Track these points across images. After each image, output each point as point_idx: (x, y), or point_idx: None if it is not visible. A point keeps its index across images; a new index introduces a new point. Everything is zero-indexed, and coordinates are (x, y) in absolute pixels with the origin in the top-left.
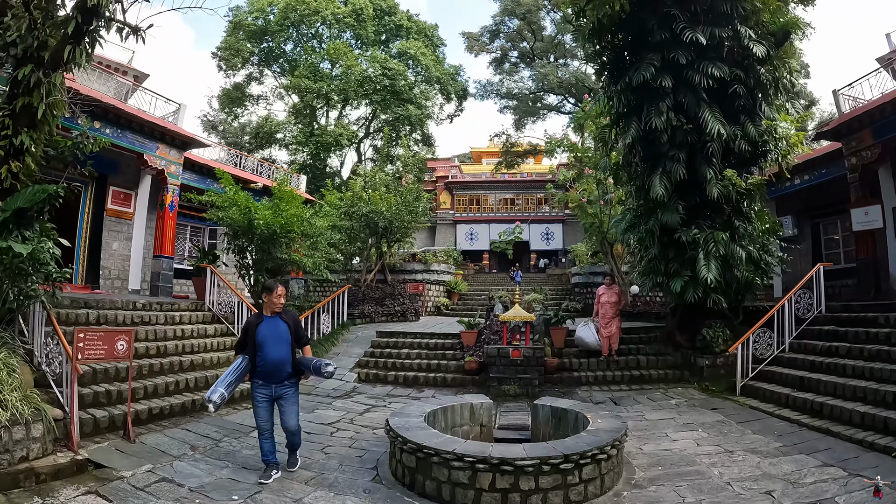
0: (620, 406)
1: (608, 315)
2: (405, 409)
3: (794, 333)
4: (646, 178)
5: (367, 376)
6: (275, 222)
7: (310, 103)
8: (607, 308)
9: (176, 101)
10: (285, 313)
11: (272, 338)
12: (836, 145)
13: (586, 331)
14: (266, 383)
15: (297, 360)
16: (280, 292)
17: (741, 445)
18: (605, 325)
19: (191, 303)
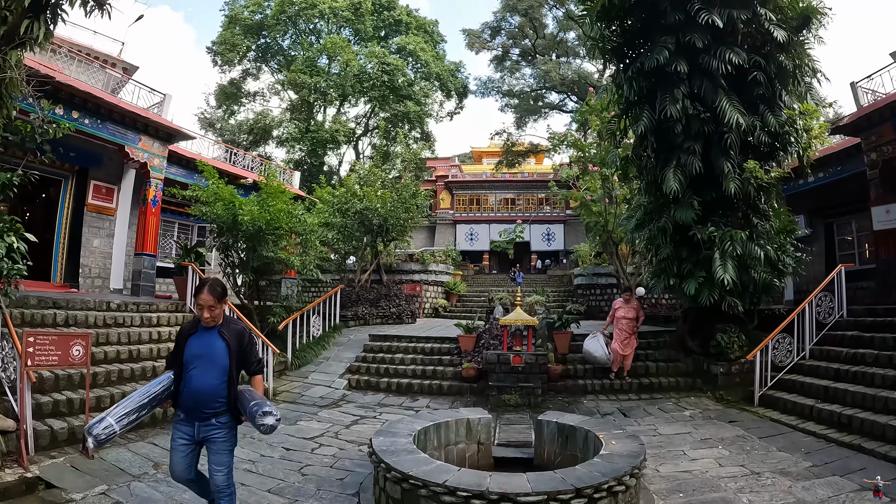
0: (630, 418)
1: (625, 332)
2: (392, 427)
3: (814, 339)
4: (658, 171)
5: (357, 383)
6: (260, 218)
7: (306, 98)
8: (624, 324)
9: (161, 92)
10: (227, 327)
11: (201, 359)
12: (852, 141)
13: (595, 343)
14: (188, 420)
15: (236, 393)
16: (205, 300)
17: (768, 465)
18: (620, 343)
19: (171, 303)
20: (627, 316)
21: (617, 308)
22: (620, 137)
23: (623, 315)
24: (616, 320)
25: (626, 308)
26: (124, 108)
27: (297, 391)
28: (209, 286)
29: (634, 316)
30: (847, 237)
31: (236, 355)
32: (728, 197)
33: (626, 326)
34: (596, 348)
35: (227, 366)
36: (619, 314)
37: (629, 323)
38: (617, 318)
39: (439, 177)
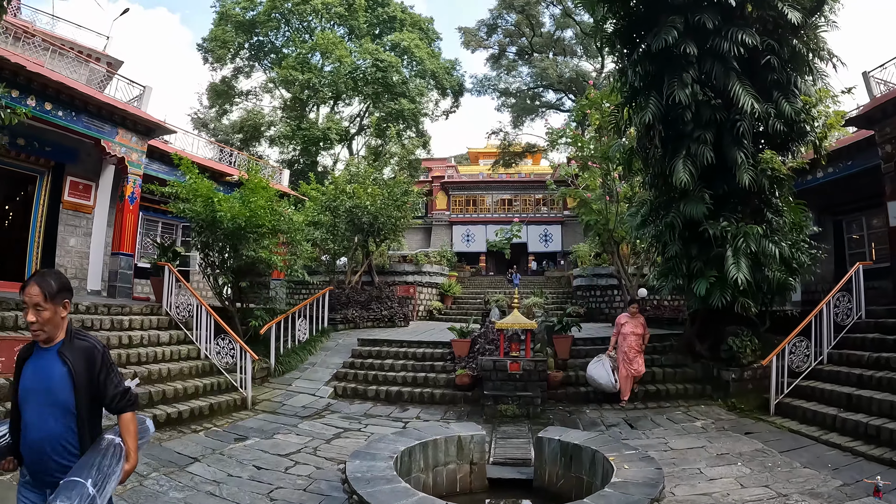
0: (638, 430)
1: (632, 350)
2: (372, 447)
3: (832, 342)
4: (666, 163)
5: (344, 391)
6: (240, 215)
7: (298, 96)
8: (631, 341)
9: (140, 84)
10: (71, 346)
11: (35, 394)
12: (863, 134)
13: (599, 368)
14: (34, 485)
15: None
16: (31, 297)
17: (795, 486)
18: (626, 363)
19: (146, 306)
20: (635, 332)
21: (622, 324)
22: (624, 128)
23: (631, 331)
24: (622, 338)
25: (633, 323)
26: (100, 100)
27: (278, 399)
28: (38, 276)
29: (643, 332)
30: (857, 235)
31: (85, 387)
32: (741, 190)
33: (633, 343)
34: (601, 374)
35: (71, 403)
36: (625, 330)
37: (637, 340)
38: (623, 335)
39: (435, 177)
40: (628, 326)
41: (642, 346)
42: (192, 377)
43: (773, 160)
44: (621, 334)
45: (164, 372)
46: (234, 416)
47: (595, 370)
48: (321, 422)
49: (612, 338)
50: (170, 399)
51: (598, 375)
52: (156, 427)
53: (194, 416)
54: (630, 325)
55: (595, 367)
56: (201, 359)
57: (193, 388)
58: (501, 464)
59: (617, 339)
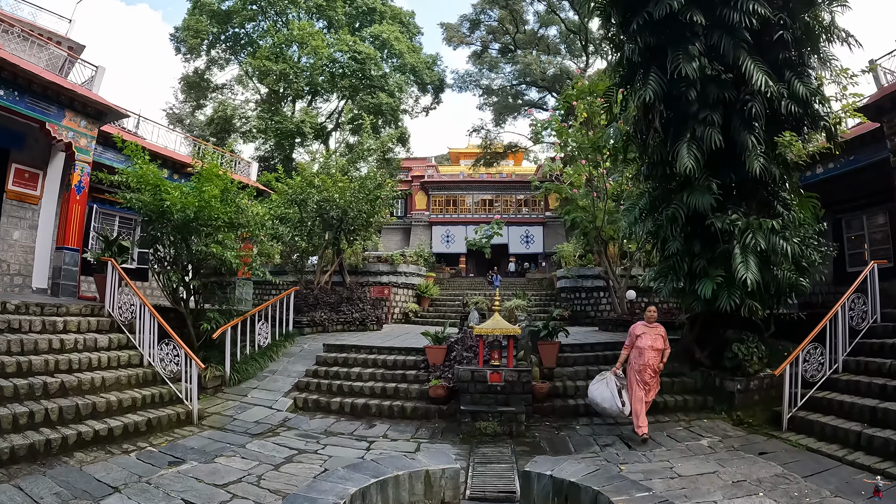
0: (636, 450)
1: (649, 369)
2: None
3: (847, 349)
4: (667, 149)
5: (305, 403)
6: (188, 204)
7: (272, 87)
8: (649, 357)
9: (92, 64)
10: None
11: None
12: (867, 127)
13: (602, 389)
14: None
15: None
16: None
17: None
18: (641, 384)
19: (86, 306)
20: (654, 346)
21: (638, 335)
22: (619, 111)
23: (649, 344)
24: (637, 353)
25: (651, 335)
26: (45, 79)
27: (229, 413)
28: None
29: (663, 346)
30: (857, 233)
31: None
32: (749, 180)
33: (651, 360)
34: (604, 396)
35: None
36: (641, 343)
37: (656, 356)
38: (639, 349)
39: (415, 177)
40: (645, 339)
41: (662, 365)
42: (131, 387)
43: (793, 142)
44: (636, 348)
45: (97, 381)
46: (176, 432)
47: (598, 391)
48: (274, 441)
49: (623, 352)
50: (101, 413)
51: (602, 397)
52: (80, 447)
53: (128, 432)
54: (648, 338)
55: (598, 387)
56: (144, 366)
57: (130, 399)
58: (480, 500)
59: (629, 354)
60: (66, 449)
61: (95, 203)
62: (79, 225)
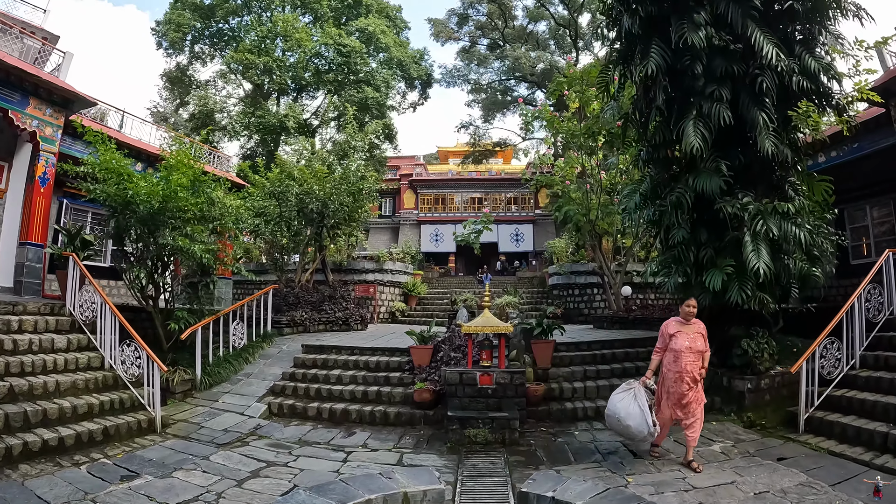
0: (643, 458)
1: (687, 376)
2: None
3: (864, 343)
4: (670, 128)
5: (280, 409)
6: (154, 193)
7: (255, 81)
8: (687, 361)
9: (60, 50)
10: None
11: None
12: (872, 113)
13: (630, 403)
14: None
15: None
16: None
17: None
18: (675, 403)
19: (45, 304)
20: (694, 347)
21: (672, 334)
22: (617, 90)
23: (686, 345)
24: (673, 357)
25: (688, 333)
26: (7, 64)
27: (197, 420)
28: None
29: (704, 347)
30: (860, 224)
31: None
32: (759, 162)
33: (689, 365)
34: (632, 413)
35: None
36: (677, 344)
37: (695, 361)
38: (675, 352)
39: (403, 175)
40: (681, 338)
41: (703, 372)
42: (89, 392)
43: (810, 113)
44: (669, 351)
45: (50, 386)
46: (136, 442)
47: (623, 405)
48: (241, 451)
49: (654, 357)
50: (52, 420)
51: (628, 414)
52: (27, 458)
53: (81, 442)
54: (684, 337)
55: (622, 399)
56: (105, 369)
57: (86, 406)
58: None
59: (662, 358)
60: (11, 461)
61: (66, 198)
62: (43, 219)
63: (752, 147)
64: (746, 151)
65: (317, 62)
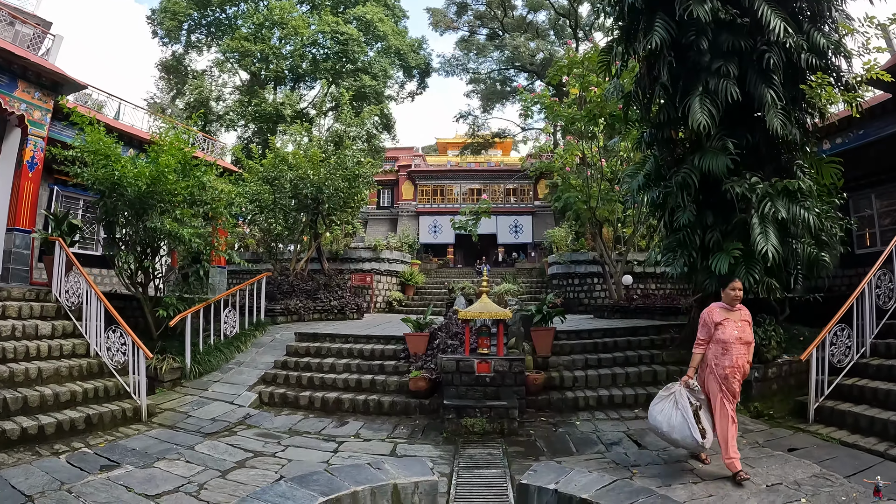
0: (648, 449)
1: (739, 372)
2: None
3: (874, 331)
4: (674, 106)
5: (271, 398)
6: (141, 174)
7: (251, 69)
8: (737, 354)
9: (51, 33)
10: None
11: None
12: (879, 98)
13: (670, 411)
14: None
15: None
16: None
17: None
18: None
19: (31, 290)
20: (744, 337)
21: (719, 322)
22: (619, 68)
23: (736, 336)
24: (720, 348)
25: (735, 321)
26: None
27: (185, 409)
28: None
29: (752, 337)
30: (866, 213)
31: None
32: (768, 142)
33: (741, 360)
34: (675, 422)
35: None
36: (724, 334)
37: (746, 353)
38: (722, 343)
39: (402, 166)
40: (729, 328)
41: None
42: (73, 379)
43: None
44: (716, 343)
45: (32, 373)
46: (120, 431)
47: (663, 414)
48: (228, 441)
49: (696, 351)
50: (33, 408)
51: (670, 424)
52: (4, 447)
53: (63, 431)
54: (732, 326)
55: (662, 408)
56: (90, 356)
57: (69, 393)
58: None
59: (705, 350)
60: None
61: (57, 185)
62: (31, 204)
63: (760, 127)
64: (754, 132)
65: (314, 51)
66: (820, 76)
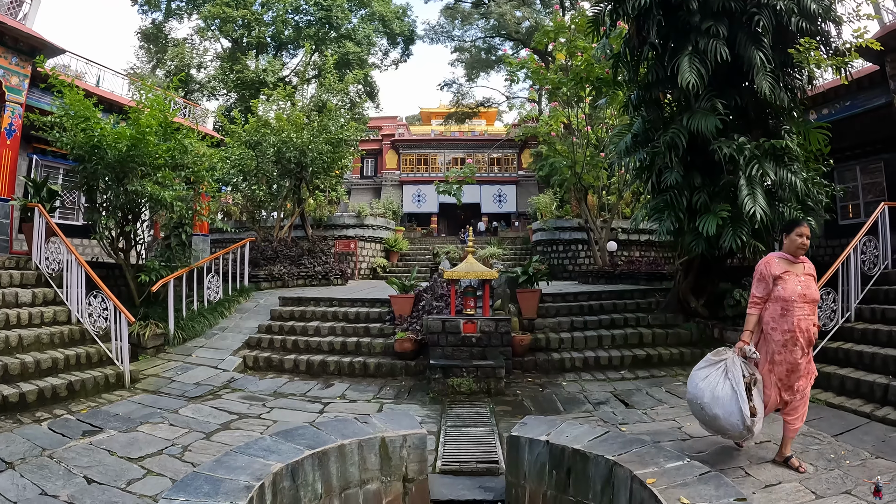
0: (635, 408)
1: (803, 336)
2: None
3: (860, 296)
4: (663, 66)
5: (255, 362)
6: (122, 136)
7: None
8: (800, 316)
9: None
10: None
11: None
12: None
13: (720, 384)
14: None
15: None
16: None
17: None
18: (788, 370)
19: (9, 258)
20: (808, 294)
21: (779, 275)
22: (608, 29)
23: (799, 292)
24: (781, 307)
25: (798, 275)
26: None
27: (168, 374)
28: None
29: (818, 295)
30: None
31: None
32: (757, 105)
33: (804, 321)
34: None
35: None
36: (785, 291)
37: (810, 313)
38: (781, 301)
39: (385, 135)
40: (792, 282)
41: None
42: (54, 347)
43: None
44: (776, 301)
45: (12, 340)
46: (103, 397)
47: (707, 386)
48: (213, 404)
49: (752, 311)
50: (13, 376)
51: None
52: None
53: (45, 398)
54: (794, 280)
55: (708, 378)
56: (72, 323)
57: (50, 360)
58: (454, 472)
59: (761, 310)
60: None
61: (37, 155)
62: (10, 172)
63: (748, 91)
64: (742, 94)
65: (297, 18)
66: (808, 41)
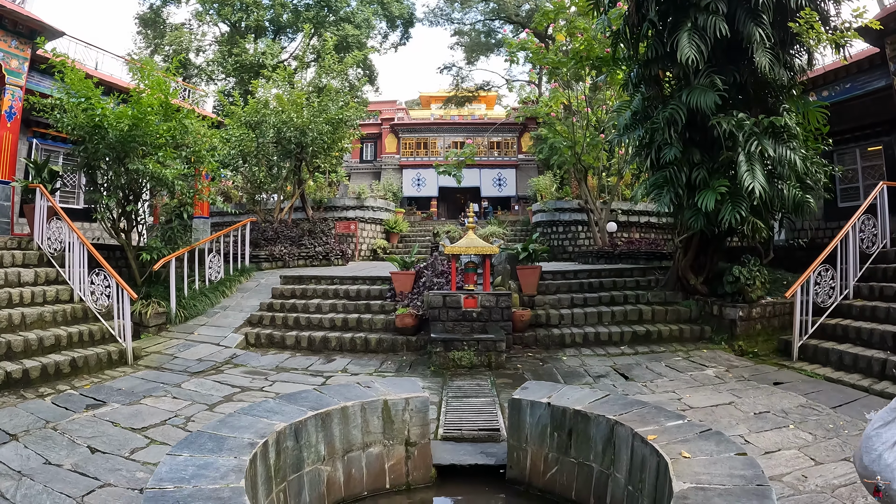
0: (634, 381)
1: None
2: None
3: (858, 273)
4: (662, 42)
5: (257, 339)
6: (123, 116)
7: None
8: None
9: None
10: None
11: None
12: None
13: None
14: None
15: None
16: None
17: None
18: None
19: (12, 239)
20: None
21: None
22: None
23: None
24: None
25: None
26: None
27: (170, 352)
28: None
29: None
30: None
31: None
32: (756, 82)
33: None
34: None
35: None
36: None
37: None
38: None
39: (385, 119)
40: None
41: None
42: (57, 325)
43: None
44: None
45: (15, 318)
46: (106, 374)
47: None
48: (215, 378)
49: None
50: (17, 353)
51: None
52: None
53: (48, 374)
54: None
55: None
56: (74, 302)
57: (53, 338)
58: (456, 439)
59: None
60: None
61: (37, 138)
62: (11, 154)
63: (748, 67)
64: (742, 71)
65: (295, 2)
66: (808, 12)
